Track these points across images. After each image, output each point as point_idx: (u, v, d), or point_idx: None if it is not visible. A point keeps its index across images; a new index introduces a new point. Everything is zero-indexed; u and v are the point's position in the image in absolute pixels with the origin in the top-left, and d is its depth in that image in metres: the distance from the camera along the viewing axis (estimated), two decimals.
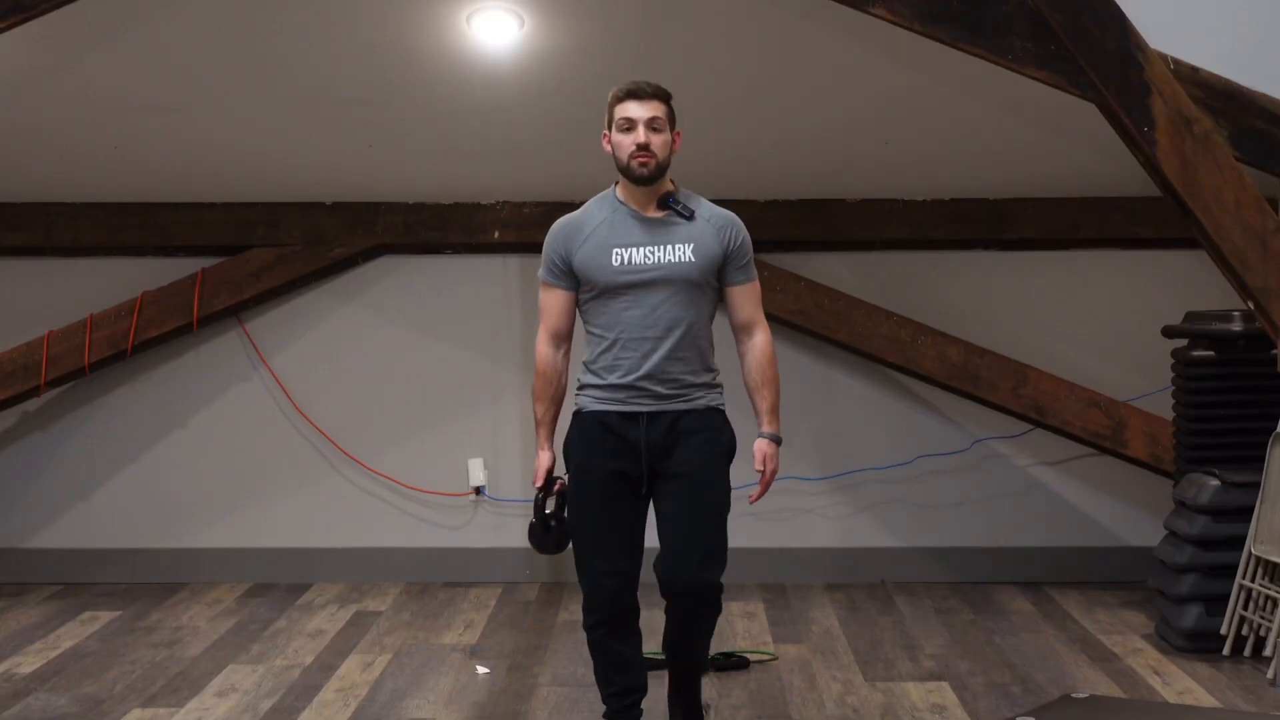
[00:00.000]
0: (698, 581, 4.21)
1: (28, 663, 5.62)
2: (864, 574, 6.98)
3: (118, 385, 7.07)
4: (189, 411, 7.08)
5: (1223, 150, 4.95)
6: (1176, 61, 4.94)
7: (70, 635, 6.05)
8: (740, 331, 4.37)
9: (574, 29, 5.85)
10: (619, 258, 4.21)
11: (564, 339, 4.36)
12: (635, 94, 4.22)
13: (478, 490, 7.04)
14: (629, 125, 4.21)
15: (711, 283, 4.29)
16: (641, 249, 4.21)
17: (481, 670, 5.50)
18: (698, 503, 4.23)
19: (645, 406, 4.23)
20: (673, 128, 4.26)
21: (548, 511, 4.38)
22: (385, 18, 5.77)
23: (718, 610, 4.35)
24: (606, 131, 4.28)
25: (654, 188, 4.25)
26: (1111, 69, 4.89)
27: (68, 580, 7.00)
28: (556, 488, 4.38)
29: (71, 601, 6.64)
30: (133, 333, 6.80)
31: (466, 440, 7.04)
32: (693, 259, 4.22)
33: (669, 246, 4.22)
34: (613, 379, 4.24)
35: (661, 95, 4.24)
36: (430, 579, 7.01)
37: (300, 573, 7.02)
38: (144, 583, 6.97)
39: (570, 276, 4.29)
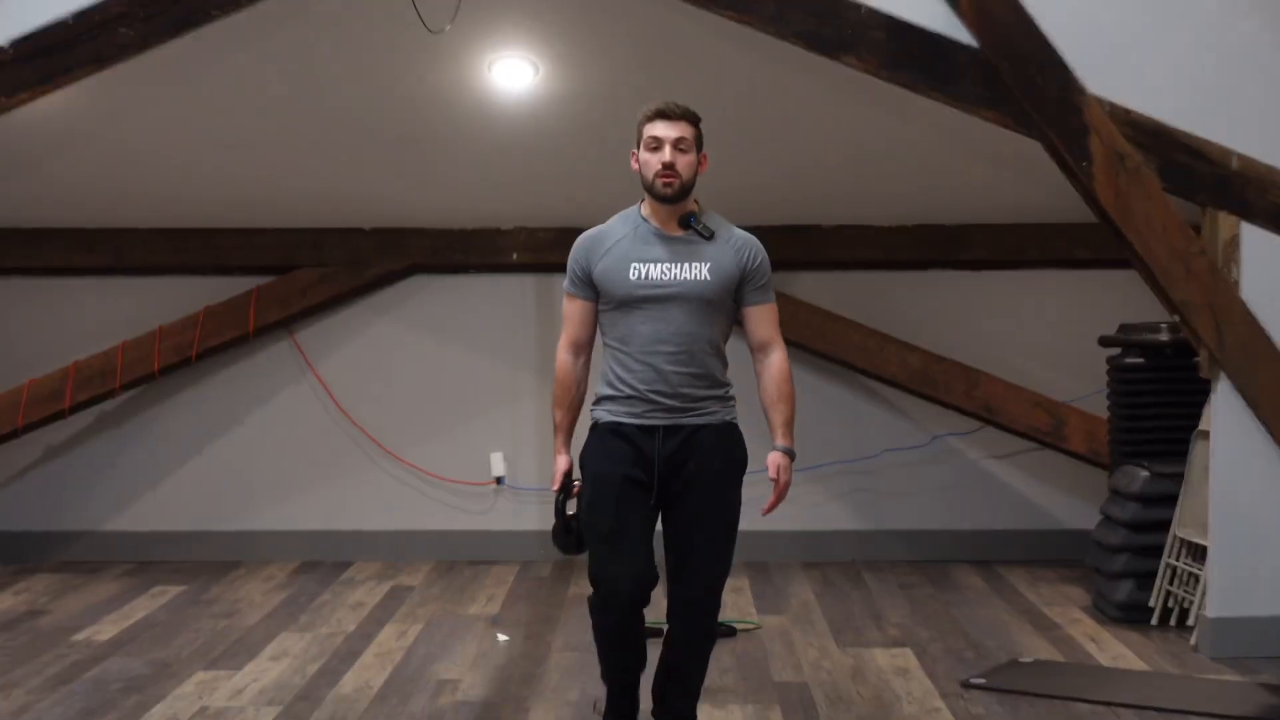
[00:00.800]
0: (698, 605, 3.95)
1: (105, 631, 5.63)
2: (836, 554, 6.98)
3: (183, 388, 7.07)
4: (246, 411, 7.08)
5: (1152, 182, 4.96)
6: (1111, 104, 4.96)
7: (142, 607, 6.06)
8: (757, 350, 4.02)
9: (582, 76, 5.88)
10: (636, 272, 3.86)
11: (584, 348, 4.01)
12: (664, 114, 3.86)
13: (498, 480, 7.04)
14: (656, 144, 3.84)
15: (727, 302, 3.94)
16: (659, 265, 3.87)
17: (502, 638, 5.50)
18: (707, 528, 3.91)
19: (660, 420, 3.86)
20: (699, 149, 3.89)
21: (569, 513, 4.00)
22: (416, 65, 5.79)
23: (711, 639, 4.06)
24: (635, 150, 3.90)
25: (677, 207, 3.89)
26: (1054, 112, 4.90)
27: (139, 559, 7.00)
28: (575, 490, 4.01)
29: (142, 578, 6.64)
30: (196, 342, 6.81)
31: (488, 436, 7.04)
32: (708, 278, 3.87)
33: (686, 265, 3.87)
34: (627, 391, 3.88)
35: (690, 117, 3.87)
36: (457, 558, 7.01)
37: (343, 552, 7.02)
38: (206, 561, 6.97)
39: (590, 287, 3.94)
